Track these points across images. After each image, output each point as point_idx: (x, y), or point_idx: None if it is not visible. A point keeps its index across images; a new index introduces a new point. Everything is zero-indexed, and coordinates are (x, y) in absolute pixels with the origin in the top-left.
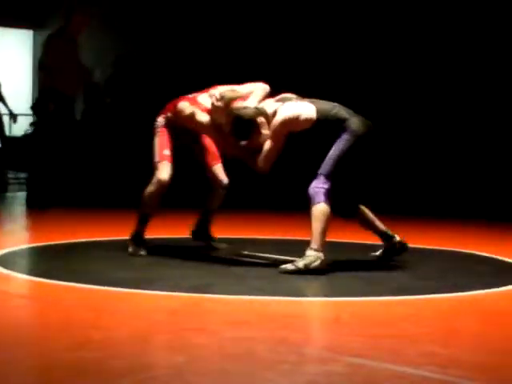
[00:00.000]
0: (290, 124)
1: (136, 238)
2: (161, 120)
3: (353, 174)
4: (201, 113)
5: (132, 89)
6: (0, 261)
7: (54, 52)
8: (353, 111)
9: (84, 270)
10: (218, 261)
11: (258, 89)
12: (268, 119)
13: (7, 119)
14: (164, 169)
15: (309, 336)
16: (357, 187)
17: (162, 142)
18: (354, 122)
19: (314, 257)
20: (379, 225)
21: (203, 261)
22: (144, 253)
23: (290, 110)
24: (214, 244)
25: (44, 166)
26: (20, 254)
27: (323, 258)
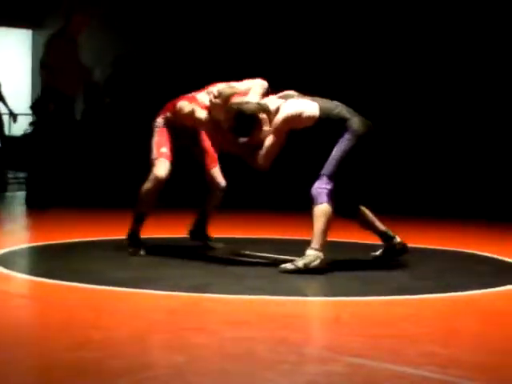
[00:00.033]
0: (293, 121)
1: (132, 237)
2: (160, 121)
3: (354, 174)
4: (200, 110)
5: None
6: (0, 261)
7: (54, 52)
8: (354, 111)
9: (84, 270)
10: (217, 260)
11: (256, 85)
12: (270, 115)
13: (7, 119)
14: (161, 165)
15: (309, 336)
16: (357, 187)
17: (161, 141)
18: (355, 122)
19: (313, 256)
20: (379, 225)
21: (203, 260)
22: (143, 253)
23: (293, 107)
24: (210, 244)
25: (44, 166)
26: (20, 253)
27: (323, 257)
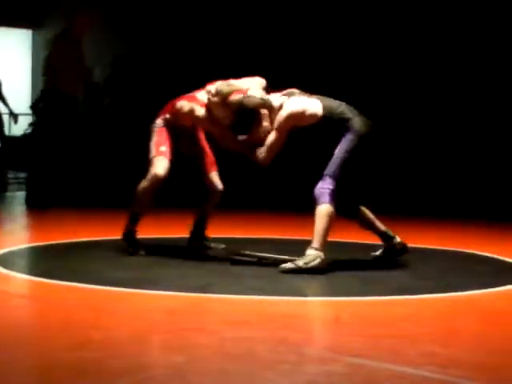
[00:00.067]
0: (296, 118)
1: (128, 237)
2: (159, 121)
3: (355, 174)
4: (200, 108)
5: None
6: (0, 261)
7: (58, 53)
8: (356, 110)
9: (84, 270)
10: (217, 261)
11: (254, 83)
12: (273, 111)
13: (7, 119)
14: (160, 164)
15: (309, 336)
16: (358, 187)
17: (160, 140)
18: (357, 122)
19: (313, 256)
20: (379, 225)
21: (202, 260)
22: (143, 252)
23: (297, 105)
24: (207, 244)
25: (43, 166)
26: (20, 253)
27: (323, 257)
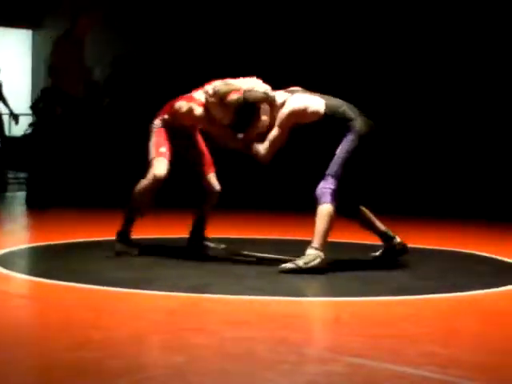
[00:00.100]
0: (298, 115)
1: (123, 236)
2: (157, 122)
3: (356, 174)
4: (198, 107)
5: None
6: (0, 261)
7: (61, 53)
8: (358, 111)
9: (84, 270)
10: (217, 261)
11: (253, 83)
12: (275, 108)
13: (7, 119)
14: (160, 164)
15: (309, 336)
16: (358, 187)
17: (159, 141)
18: (358, 123)
19: (313, 255)
20: (379, 225)
21: (202, 261)
22: (137, 252)
23: (299, 102)
24: (207, 244)
25: (44, 166)
26: (20, 253)
27: (323, 257)
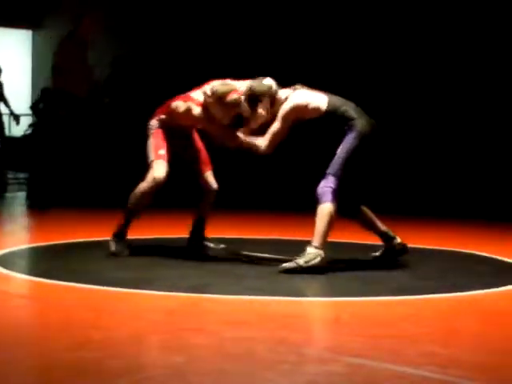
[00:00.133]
0: (300, 110)
1: (120, 236)
2: (154, 122)
3: (357, 173)
4: (196, 107)
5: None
6: (0, 261)
7: (65, 54)
8: (361, 110)
9: (84, 270)
10: (216, 261)
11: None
12: (278, 103)
13: (7, 120)
14: (159, 167)
15: (309, 336)
16: (359, 187)
17: (158, 143)
18: (360, 122)
19: (314, 254)
20: (380, 225)
21: (202, 261)
22: (127, 253)
23: (302, 97)
24: (207, 244)
25: (44, 167)
26: (20, 254)
27: (323, 255)
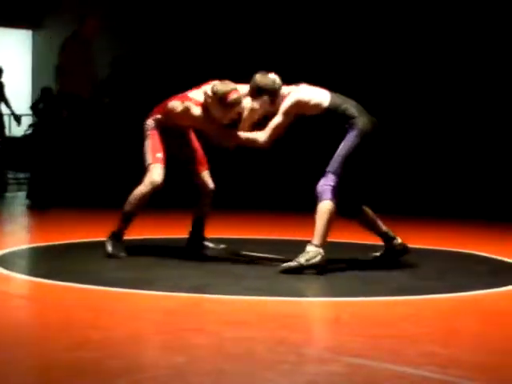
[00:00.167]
0: (301, 105)
1: (117, 237)
2: (150, 122)
3: (357, 173)
4: (195, 107)
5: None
6: (0, 261)
7: (69, 54)
8: (362, 109)
9: (83, 270)
10: (216, 261)
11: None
12: (279, 96)
13: (7, 120)
14: (157, 171)
15: (309, 336)
16: (360, 187)
17: (155, 145)
18: (361, 120)
19: (314, 252)
20: (380, 225)
21: (202, 261)
22: (124, 254)
23: (304, 93)
24: (206, 244)
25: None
26: (20, 254)
27: (323, 254)
